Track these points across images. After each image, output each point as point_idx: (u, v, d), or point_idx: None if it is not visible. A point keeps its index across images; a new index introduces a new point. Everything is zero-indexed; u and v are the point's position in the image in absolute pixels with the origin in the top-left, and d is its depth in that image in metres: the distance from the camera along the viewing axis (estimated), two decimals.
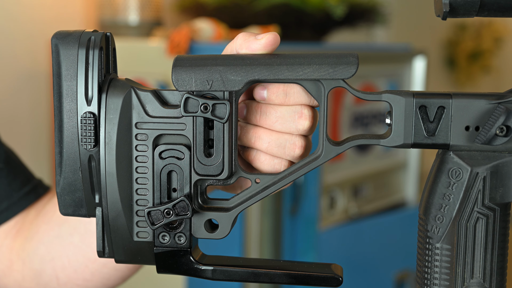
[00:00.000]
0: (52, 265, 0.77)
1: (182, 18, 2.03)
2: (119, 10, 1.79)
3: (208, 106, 0.52)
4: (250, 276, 0.56)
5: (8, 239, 0.81)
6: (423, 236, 0.51)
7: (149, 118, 0.54)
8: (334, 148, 0.53)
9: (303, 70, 0.52)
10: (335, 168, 1.84)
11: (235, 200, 0.55)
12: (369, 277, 1.92)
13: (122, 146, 0.54)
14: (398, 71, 2.04)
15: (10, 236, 0.81)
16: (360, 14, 1.99)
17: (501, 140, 0.49)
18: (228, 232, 0.55)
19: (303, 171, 0.54)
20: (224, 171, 0.54)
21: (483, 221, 0.50)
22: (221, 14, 1.85)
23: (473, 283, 0.50)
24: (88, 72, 0.53)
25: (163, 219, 0.54)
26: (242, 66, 0.52)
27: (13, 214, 0.81)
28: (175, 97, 0.54)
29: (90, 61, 0.53)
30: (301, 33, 1.91)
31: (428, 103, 0.50)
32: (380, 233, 1.95)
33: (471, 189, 0.50)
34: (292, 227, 1.76)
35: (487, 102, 0.49)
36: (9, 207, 0.81)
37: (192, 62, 0.53)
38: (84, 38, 0.53)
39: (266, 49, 0.54)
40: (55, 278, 0.77)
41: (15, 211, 0.81)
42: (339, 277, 0.55)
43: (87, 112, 0.53)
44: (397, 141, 0.51)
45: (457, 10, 0.47)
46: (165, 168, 0.54)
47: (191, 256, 0.56)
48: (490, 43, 3.65)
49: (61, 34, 0.54)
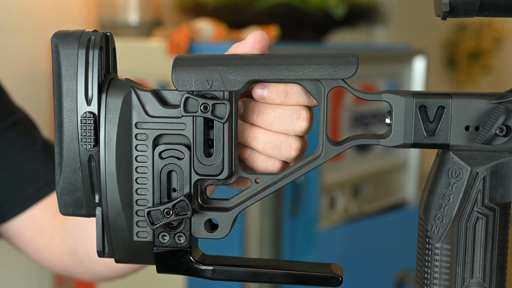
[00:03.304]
0: (84, 244, 0.83)
1: (182, 18, 2.03)
2: (119, 10, 1.79)
3: (208, 106, 0.52)
4: (250, 276, 0.56)
5: (48, 215, 0.88)
6: (423, 236, 0.51)
7: (149, 118, 0.54)
8: (334, 148, 0.53)
9: (303, 70, 0.52)
10: (335, 168, 1.84)
11: (235, 200, 0.55)
12: (369, 277, 1.92)
13: (122, 146, 0.54)
14: (398, 71, 2.04)
15: (50, 214, 0.87)
16: (360, 14, 1.99)
17: (501, 140, 0.49)
18: (228, 232, 0.55)
19: (303, 171, 0.54)
20: (224, 171, 0.54)
21: (483, 221, 0.50)
22: (221, 14, 1.85)
23: (473, 283, 0.50)
24: (88, 72, 0.53)
25: (163, 219, 0.54)
26: (242, 66, 0.52)
27: (49, 190, 0.87)
28: (175, 97, 0.54)
29: (90, 61, 0.53)
30: (301, 33, 1.91)
31: (428, 103, 0.50)
32: (380, 233, 1.95)
33: (471, 189, 0.50)
34: (292, 227, 1.76)
35: (487, 102, 0.49)
36: (46, 184, 0.87)
37: (192, 62, 0.53)
38: (84, 38, 0.53)
39: (255, 47, 0.54)
40: (86, 256, 0.84)
41: (51, 188, 0.87)
42: (339, 277, 0.55)
43: (87, 112, 0.53)
44: (397, 141, 0.51)
45: (457, 10, 0.47)
46: (165, 168, 0.54)
47: (191, 256, 0.56)
48: (490, 43, 3.65)
49: (61, 34, 0.54)
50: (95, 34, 0.54)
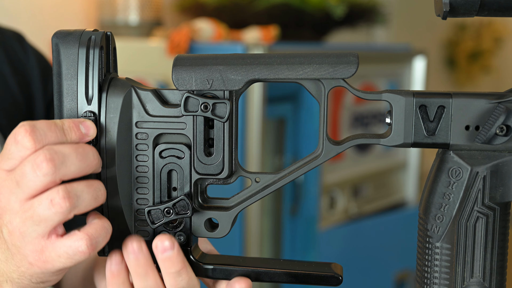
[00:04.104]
0: None
1: (182, 18, 2.03)
2: (119, 10, 1.79)
3: (208, 105, 0.52)
4: (250, 275, 0.56)
5: None
6: (423, 235, 0.51)
7: (150, 117, 0.54)
8: (334, 147, 0.53)
9: (303, 70, 0.52)
10: (335, 168, 1.84)
11: (235, 199, 0.55)
12: (369, 277, 1.92)
13: (122, 146, 0.54)
14: (398, 71, 2.04)
15: None
16: (360, 14, 1.99)
17: (501, 140, 0.49)
18: (228, 231, 0.55)
19: (303, 170, 0.54)
20: (224, 170, 0.54)
21: (483, 220, 0.50)
22: (221, 14, 1.85)
23: (473, 282, 0.50)
24: (89, 71, 0.53)
25: (163, 218, 0.54)
26: (242, 65, 0.52)
27: None
28: (176, 96, 0.54)
29: (90, 61, 0.53)
30: (301, 33, 1.91)
31: (428, 102, 0.50)
32: (380, 233, 1.95)
33: (471, 189, 0.50)
34: (292, 227, 1.76)
35: (487, 102, 0.49)
36: None
37: (192, 61, 0.53)
38: (84, 38, 0.54)
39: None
40: None
41: None
42: (339, 276, 0.55)
43: (87, 111, 0.53)
44: (397, 141, 0.51)
45: (457, 9, 0.47)
46: (165, 167, 0.54)
47: (191, 255, 0.56)
48: (490, 43, 3.65)
49: (61, 33, 0.54)
50: (95, 34, 0.54)
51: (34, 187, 0.50)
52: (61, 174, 0.50)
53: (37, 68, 0.89)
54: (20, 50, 0.89)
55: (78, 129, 0.52)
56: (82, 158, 0.51)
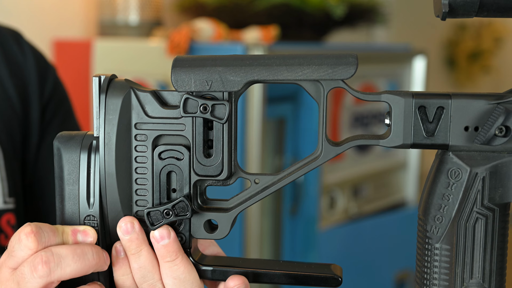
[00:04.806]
0: None
1: (182, 18, 2.03)
2: (119, 10, 1.79)
3: (207, 107, 0.52)
4: (250, 276, 0.56)
5: None
6: (423, 236, 0.51)
7: (149, 118, 0.54)
8: (333, 148, 0.53)
9: (302, 71, 0.52)
10: (335, 168, 1.84)
11: (235, 200, 0.55)
12: (369, 277, 1.92)
13: (121, 147, 0.54)
14: (398, 71, 2.04)
15: None
16: (360, 14, 1.98)
17: (500, 141, 0.49)
18: (228, 233, 0.55)
19: (303, 171, 0.54)
20: (224, 171, 0.54)
21: (482, 221, 0.50)
22: (221, 14, 1.85)
23: (472, 283, 0.50)
24: (90, 176, 0.55)
25: (163, 219, 0.54)
26: (242, 66, 0.52)
27: None
28: (175, 97, 0.54)
29: (92, 165, 0.54)
30: (301, 33, 1.91)
31: (427, 103, 0.50)
32: (380, 233, 1.95)
33: (470, 190, 0.50)
34: (292, 227, 1.76)
35: (486, 103, 0.49)
36: None
37: (191, 62, 0.53)
38: (86, 142, 0.55)
39: None
40: None
41: None
42: (338, 277, 0.55)
43: (90, 215, 0.55)
44: (396, 142, 0.51)
45: (457, 10, 0.47)
46: (164, 169, 0.54)
47: (191, 256, 0.56)
48: (490, 43, 3.65)
49: (63, 137, 0.55)
50: (97, 139, 0.54)
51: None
52: (56, 276, 0.52)
53: (35, 69, 0.90)
54: (18, 50, 0.89)
55: (76, 236, 0.54)
56: (79, 259, 0.53)
